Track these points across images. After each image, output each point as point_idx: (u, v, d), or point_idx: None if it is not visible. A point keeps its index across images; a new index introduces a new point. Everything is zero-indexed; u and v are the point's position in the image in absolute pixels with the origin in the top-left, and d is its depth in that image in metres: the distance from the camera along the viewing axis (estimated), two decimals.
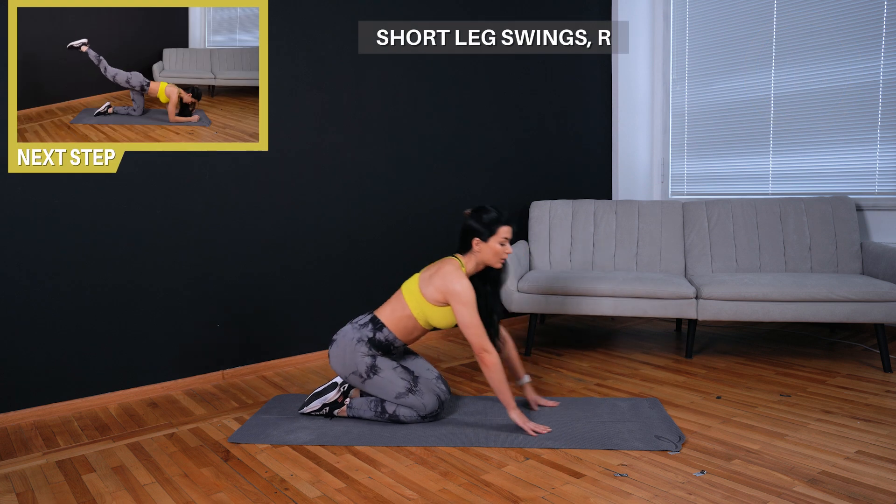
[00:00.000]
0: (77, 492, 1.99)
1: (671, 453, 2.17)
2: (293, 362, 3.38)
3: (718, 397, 2.75)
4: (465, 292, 2.37)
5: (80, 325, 2.78)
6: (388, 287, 3.41)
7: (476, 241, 2.45)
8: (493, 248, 2.44)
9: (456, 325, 2.51)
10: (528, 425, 2.35)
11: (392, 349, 2.52)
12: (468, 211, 2.52)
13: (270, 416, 2.59)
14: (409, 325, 2.48)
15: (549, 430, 2.37)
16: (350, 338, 2.46)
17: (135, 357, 2.91)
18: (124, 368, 2.89)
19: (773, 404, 2.65)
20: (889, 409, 2.57)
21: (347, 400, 2.51)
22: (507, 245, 2.46)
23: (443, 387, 2.54)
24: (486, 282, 2.54)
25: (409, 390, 2.40)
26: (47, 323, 2.70)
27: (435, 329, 2.56)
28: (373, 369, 2.43)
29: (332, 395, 2.49)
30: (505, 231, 2.45)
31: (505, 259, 2.49)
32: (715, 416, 2.52)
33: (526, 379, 2.65)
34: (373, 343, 2.46)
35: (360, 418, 2.50)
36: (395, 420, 2.44)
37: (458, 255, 2.51)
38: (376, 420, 2.47)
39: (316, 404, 2.49)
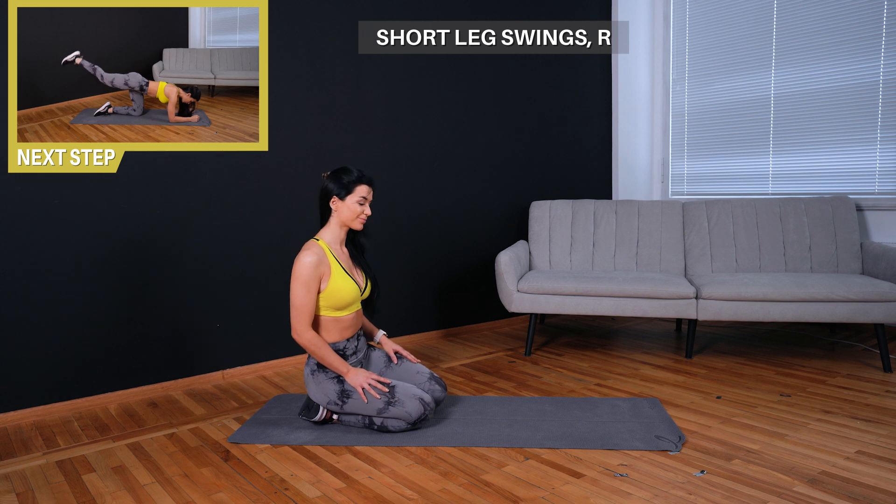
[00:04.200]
0: (77, 492, 1.99)
1: (671, 453, 2.17)
2: (293, 362, 3.38)
3: (718, 397, 2.75)
4: (298, 268, 2.31)
5: (81, 324, 2.78)
6: (388, 286, 3.42)
7: (334, 199, 2.40)
8: (350, 207, 2.39)
9: (366, 288, 2.51)
10: (364, 384, 2.32)
11: (347, 355, 2.47)
12: (326, 173, 2.46)
13: (270, 416, 2.59)
14: (328, 322, 2.41)
15: (390, 384, 2.34)
16: (307, 374, 2.44)
17: (135, 357, 2.91)
18: (124, 368, 2.89)
19: (773, 404, 2.65)
20: (889, 409, 2.57)
21: (335, 417, 2.47)
22: (367, 206, 2.42)
23: (435, 385, 2.52)
24: (355, 246, 2.54)
25: (388, 403, 2.33)
26: (47, 323, 2.70)
27: (351, 306, 2.46)
28: (344, 394, 2.36)
29: (320, 416, 2.43)
30: (363, 190, 2.40)
31: (365, 221, 2.45)
32: (715, 416, 2.52)
33: (379, 335, 2.65)
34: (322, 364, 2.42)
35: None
36: (384, 430, 2.38)
37: (319, 234, 2.46)
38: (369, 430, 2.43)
39: (306, 419, 2.46)
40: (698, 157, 4.69)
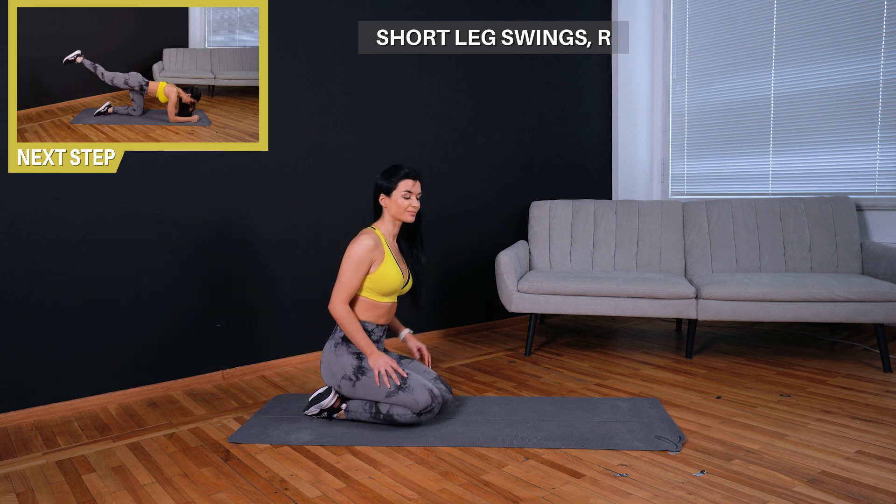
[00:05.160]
0: (77, 492, 1.99)
1: (671, 453, 2.17)
2: (293, 362, 3.38)
3: (718, 397, 2.75)
4: (355, 248, 2.44)
5: (81, 324, 2.78)
6: None
7: (382, 196, 2.54)
8: (397, 202, 2.52)
9: (408, 282, 2.61)
10: (381, 369, 2.39)
11: (371, 336, 2.54)
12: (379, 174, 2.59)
13: (270, 416, 2.59)
14: (367, 303, 2.52)
15: (405, 375, 2.40)
16: (329, 348, 2.52)
17: (135, 357, 2.91)
18: (124, 368, 2.89)
19: (773, 404, 2.65)
20: (889, 409, 2.57)
21: (344, 405, 2.50)
22: (413, 198, 2.54)
23: (441, 385, 2.54)
24: (408, 242, 2.66)
25: (399, 387, 2.38)
26: (47, 323, 2.70)
27: (392, 295, 2.56)
28: (360, 370, 2.43)
29: (329, 401, 2.48)
30: (407, 184, 2.52)
31: (415, 212, 2.56)
32: (715, 416, 2.52)
33: (405, 333, 2.74)
34: (349, 340, 2.50)
35: (357, 420, 2.50)
36: (389, 420, 2.42)
37: (375, 224, 2.59)
38: (373, 422, 2.46)
39: (314, 409, 2.50)
40: (698, 157, 4.69)
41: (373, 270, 2.48)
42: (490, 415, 2.56)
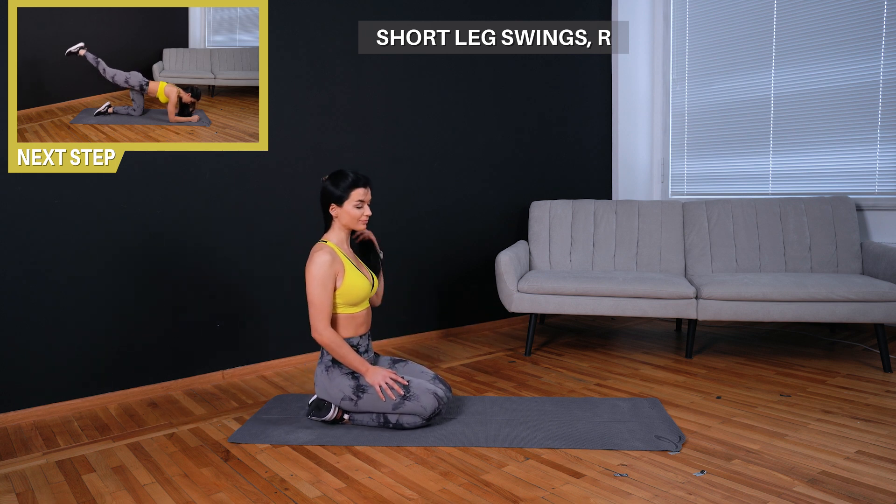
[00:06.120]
0: (77, 492, 1.99)
1: (671, 453, 2.17)
2: (293, 362, 3.38)
3: (718, 397, 2.75)
4: (314, 268, 2.35)
5: (80, 324, 2.78)
6: (389, 286, 3.42)
7: (332, 206, 2.45)
8: (349, 212, 2.44)
9: (373, 284, 2.56)
10: (381, 382, 2.35)
11: (360, 352, 2.49)
12: (325, 177, 2.50)
13: (270, 416, 2.59)
14: (344, 319, 2.46)
15: (406, 383, 2.37)
16: (320, 372, 2.46)
17: (135, 356, 2.91)
18: (124, 368, 2.89)
19: (773, 404, 2.65)
20: (889, 409, 2.57)
21: (346, 416, 2.48)
22: (365, 207, 2.46)
23: (441, 385, 2.52)
24: (361, 249, 2.61)
25: (404, 398, 2.36)
26: (47, 323, 2.70)
27: (363, 302, 2.51)
28: (359, 389, 2.39)
29: (331, 415, 2.44)
30: (359, 193, 2.43)
31: (367, 221, 2.49)
32: (715, 416, 2.52)
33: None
34: (338, 361, 2.45)
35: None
36: (399, 428, 2.40)
37: (325, 237, 2.51)
38: (382, 429, 2.44)
39: (316, 419, 2.48)
40: (698, 157, 4.69)
41: (339, 284, 2.41)
42: (490, 415, 2.56)
